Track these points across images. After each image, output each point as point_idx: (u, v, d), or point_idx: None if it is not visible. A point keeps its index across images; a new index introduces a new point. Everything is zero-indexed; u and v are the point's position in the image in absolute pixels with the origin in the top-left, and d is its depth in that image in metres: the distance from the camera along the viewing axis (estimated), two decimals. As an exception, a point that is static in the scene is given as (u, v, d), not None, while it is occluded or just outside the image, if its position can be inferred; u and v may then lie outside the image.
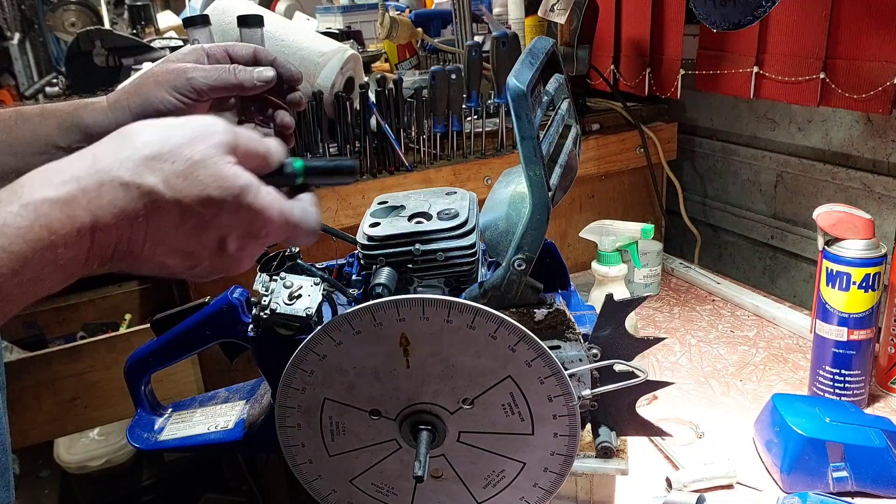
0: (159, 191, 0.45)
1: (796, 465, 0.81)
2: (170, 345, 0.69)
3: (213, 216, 0.47)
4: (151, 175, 0.45)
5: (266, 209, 0.49)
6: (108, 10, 2.57)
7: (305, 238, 0.53)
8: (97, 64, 1.74)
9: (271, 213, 0.49)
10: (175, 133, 0.47)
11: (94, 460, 1.98)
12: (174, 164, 0.45)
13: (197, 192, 0.46)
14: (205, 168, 0.46)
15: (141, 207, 0.45)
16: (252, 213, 0.48)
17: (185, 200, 0.46)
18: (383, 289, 0.60)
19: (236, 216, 0.48)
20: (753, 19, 1.00)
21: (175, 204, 0.46)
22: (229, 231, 0.49)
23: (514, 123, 0.53)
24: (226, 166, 0.47)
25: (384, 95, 1.19)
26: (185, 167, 0.46)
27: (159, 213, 0.45)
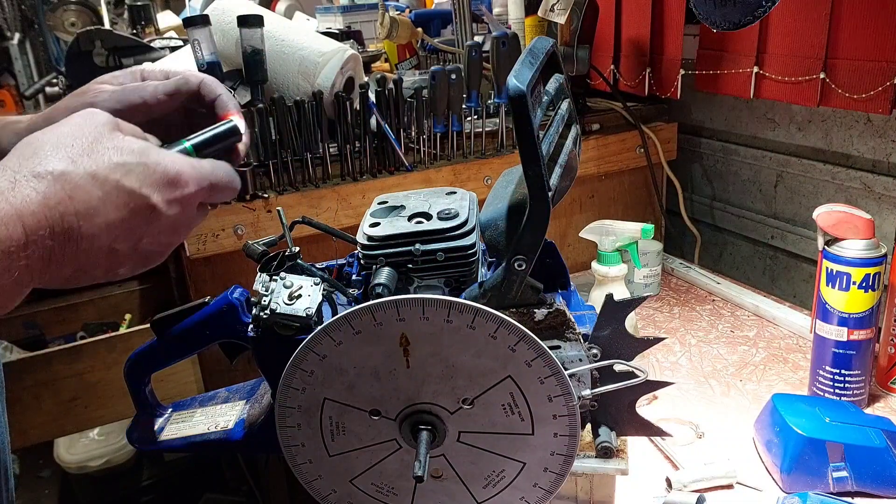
0: (70, 170, 0.48)
1: (796, 465, 0.81)
2: (170, 345, 0.69)
3: (129, 181, 0.50)
4: (59, 162, 0.48)
5: (174, 161, 0.53)
6: (108, 10, 2.57)
7: (227, 188, 0.57)
8: (97, 64, 1.74)
9: (181, 164, 0.54)
10: (63, 128, 0.51)
11: (94, 460, 1.98)
12: (73, 148, 0.49)
13: (104, 161, 0.50)
14: (101, 143, 0.50)
15: (60, 189, 0.47)
16: (163, 168, 0.52)
17: (99, 171, 0.49)
18: (383, 289, 0.60)
19: (150, 174, 0.51)
20: (753, 19, 1.00)
21: (90, 176, 0.49)
22: (151, 190, 0.51)
23: (514, 123, 0.53)
24: (119, 137, 0.52)
25: (384, 95, 1.19)
26: (85, 146, 0.50)
27: (79, 190, 0.48)
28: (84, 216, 0.48)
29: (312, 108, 1.14)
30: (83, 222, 0.48)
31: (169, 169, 0.53)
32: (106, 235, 0.49)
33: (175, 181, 0.53)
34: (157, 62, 1.55)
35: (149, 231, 0.52)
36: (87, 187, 0.48)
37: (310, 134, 1.15)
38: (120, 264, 0.52)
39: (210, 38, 1.13)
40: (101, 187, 0.49)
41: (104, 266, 0.51)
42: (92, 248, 0.49)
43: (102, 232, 0.49)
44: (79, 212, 0.48)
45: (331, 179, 1.20)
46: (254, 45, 1.15)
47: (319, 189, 1.17)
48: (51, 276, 0.48)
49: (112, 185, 0.49)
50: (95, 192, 0.49)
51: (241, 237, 1.13)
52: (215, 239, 1.11)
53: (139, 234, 0.51)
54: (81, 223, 0.48)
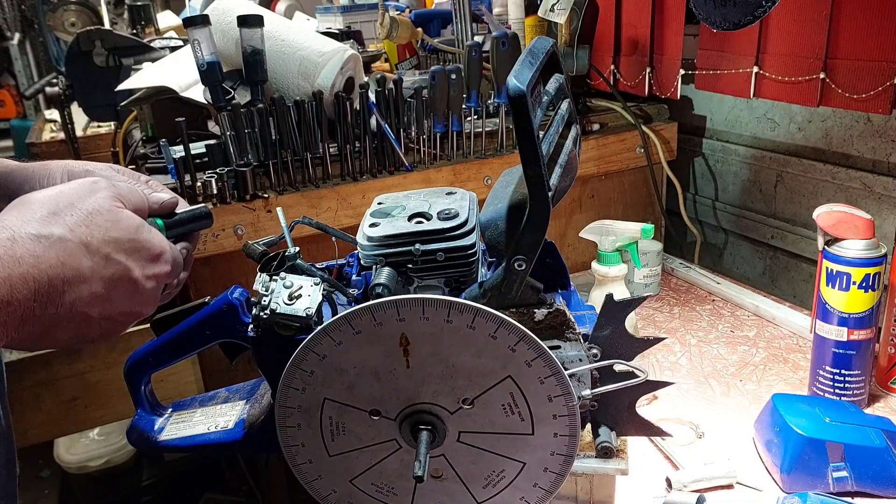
0: (67, 237, 0.50)
1: (796, 465, 0.81)
2: (170, 345, 0.69)
3: (118, 253, 0.53)
4: (56, 227, 0.51)
5: (161, 241, 0.58)
6: (108, 10, 2.57)
7: (180, 272, 0.62)
8: (97, 64, 1.74)
9: (164, 244, 0.58)
10: (65, 193, 0.54)
11: (94, 460, 1.98)
12: (73, 216, 0.52)
13: (100, 234, 0.52)
14: (100, 215, 0.53)
15: (54, 255, 0.49)
16: (149, 245, 0.56)
17: (93, 242, 0.52)
18: (383, 289, 0.60)
19: (138, 252, 0.55)
20: (753, 19, 1.00)
21: (83, 246, 0.51)
22: (136, 265, 0.55)
23: (514, 123, 0.53)
24: (119, 211, 0.55)
25: (384, 95, 1.19)
26: (84, 217, 0.52)
27: (72, 258, 0.50)
28: (71, 283, 0.50)
29: (312, 108, 1.14)
30: (68, 288, 0.50)
31: (154, 248, 0.56)
32: (86, 303, 0.52)
33: (157, 257, 0.57)
34: (157, 62, 1.55)
35: (124, 302, 0.55)
36: (79, 256, 0.51)
37: (310, 134, 1.15)
38: (90, 331, 0.54)
39: (210, 38, 1.13)
40: (92, 258, 0.52)
41: (74, 331, 0.53)
42: (70, 314, 0.51)
43: (84, 299, 0.51)
44: (67, 278, 0.50)
45: (331, 179, 1.20)
46: (254, 45, 1.15)
47: (319, 189, 1.17)
48: (21, 336, 0.50)
49: (101, 256, 0.52)
50: (86, 261, 0.51)
51: (241, 237, 1.13)
52: (215, 239, 1.11)
53: (115, 304, 0.54)
54: (66, 289, 0.50)
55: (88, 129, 2.47)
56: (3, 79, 4.37)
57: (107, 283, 0.53)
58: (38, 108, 4.12)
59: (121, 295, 0.54)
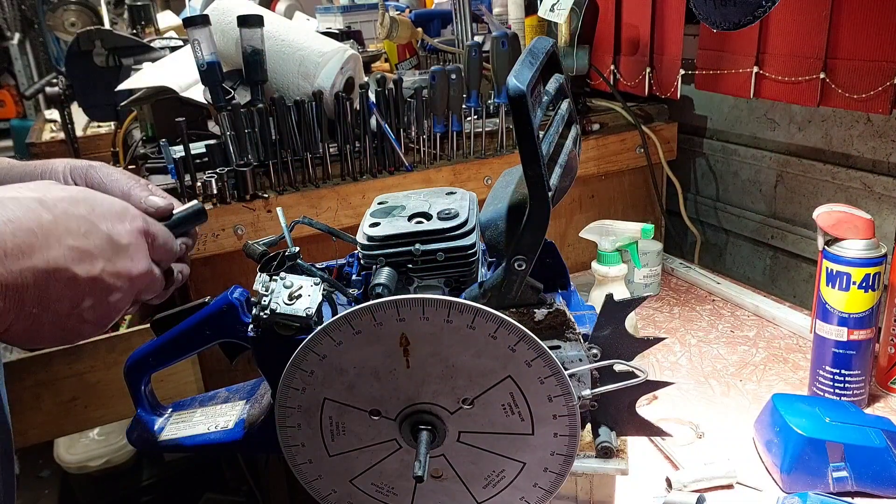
0: (14, 195, 0.49)
1: (796, 465, 0.81)
2: (170, 345, 0.69)
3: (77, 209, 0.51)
4: (9, 191, 0.49)
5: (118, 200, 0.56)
6: (108, 10, 2.57)
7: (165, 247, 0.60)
8: (97, 64, 1.74)
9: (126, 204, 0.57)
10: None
11: (94, 460, 1.98)
12: (20, 190, 0.50)
13: (52, 193, 0.51)
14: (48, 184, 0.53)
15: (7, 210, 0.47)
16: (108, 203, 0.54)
17: (46, 199, 0.50)
18: (383, 289, 0.60)
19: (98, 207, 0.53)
20: (753, 19, 1.00)
21: (38, 202, 0.49)
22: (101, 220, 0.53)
23: (514, 123, 0.53)
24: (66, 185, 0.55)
25: (384, 95, 1.19)
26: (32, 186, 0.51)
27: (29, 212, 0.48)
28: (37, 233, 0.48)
29: (312, 108, 1.14)
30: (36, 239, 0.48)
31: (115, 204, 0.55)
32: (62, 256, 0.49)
33: (122, 214, 0.55)
34: (157, 62, 1.55)
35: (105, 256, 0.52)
36: (37, 210, 0.49)
37: (310, 134, 1.15)
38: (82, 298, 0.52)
39: (210, 38, 1.13)
40: (51, 211, 0.50)
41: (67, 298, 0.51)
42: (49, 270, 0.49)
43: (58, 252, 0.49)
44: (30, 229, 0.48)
45: (331, 179, 1.20)
46: (254, 45, 1.15)
47: (319, 189, 1.18)
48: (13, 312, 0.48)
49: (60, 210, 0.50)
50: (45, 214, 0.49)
51: (241, 237, 1.13)
52: (215, 239, 1.11)
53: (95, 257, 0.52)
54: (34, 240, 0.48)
55: (88, 129, 2.47)
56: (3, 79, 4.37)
57: (77, 236, 0.50)
58: (38, 108, 4.12)
59: (99, 249, 0.52)
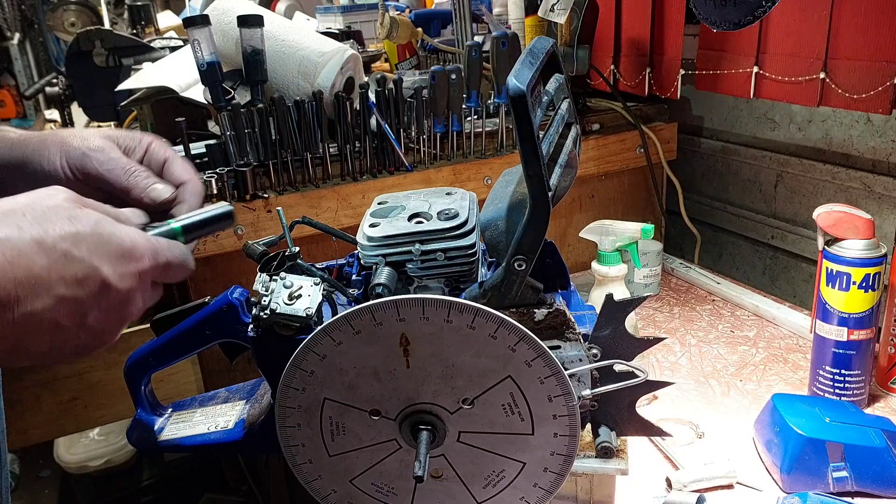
0: (13, 236, 0.45)
1: (796, 465, 0.81)
2: (170, 345, 0.69)
3: (79, 251, 0.47)
4: (2, 227, 0.45)
5: (129, 233, 0.51)
6: (108, 10, 2.57)
7: (180, 268, 0.55)
8: (97, 64, 1.74)
9: (136, 237, 0.51)
10: (20, 198, 0.48)
11: (94, 460, 1.98)
12: (24, 217, 0.47)
13: (55, 229, 0.47)
14: (55, 212, 0.48)
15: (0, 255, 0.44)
16: (117, 239, 0.50)
17: (46, 238, 0.46)
18: (383, 289, 0.60)
19: (103, 245, 0.49)
20: (753, 19, 1.00)
21: (36, 244, 0.46)
22: (102, 262, 0.48)
23: (514, 123, 0.53)
24: (77, 209, 0.49)
25: (384, 95, 1.19)
26: (37, 215, 0.47)
27: (22, 257, 0.45)
28: (24, 285, 0.45)
29: (312, 108, 1.14)
30: (22, 291, 0.45)
31: (124, 241, 0.50)
32: (49, 308, 0.46)
33: (129, 254, 0.50)
34: (157, 62, 1.55)
35: (98, 306, 0.49)
36: (31, 254, 0.45)
37: (310, 134, 1.15)
38: (65, 342, 0.49)
39: (210, 38, 1.13)
40: (48, 255, 0.46)
41: (48, 342, 0.48)
42: (31, 321, 0.46)
43: (45, 303, 0.46)
44: (18, 280, 0.45)
45: (331, 179, 1.20)
46: (254, 45, 1.15)
47: (319, 189, 1.17)
48: None
49: (59, 253, 0.46)
50: (40, 260, 0.46)
51: (241, 237, 1.13)
52: (215, 239, 1.11)
53: (86, 308, 0.48)
54: (20, 292, 0.45)
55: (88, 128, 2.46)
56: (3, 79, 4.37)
57: (71, 284, 0.47)
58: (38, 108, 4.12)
59: (91, 298, 0.48)
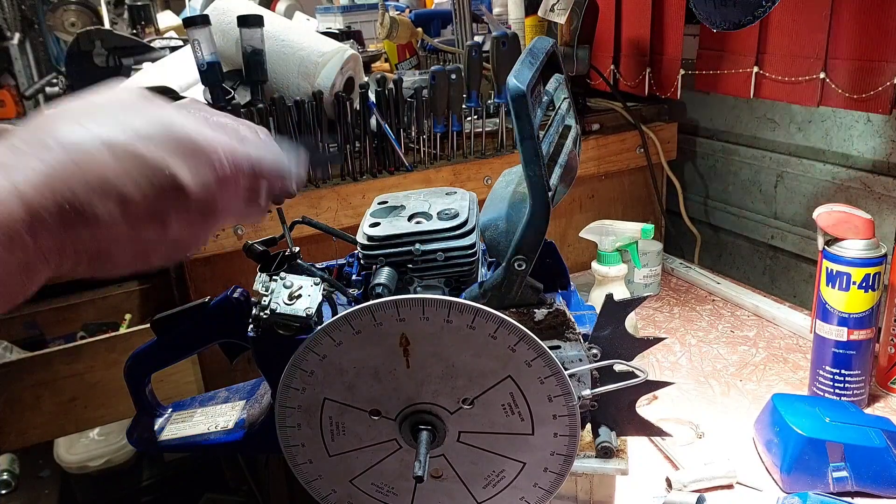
0: (82, 138, 0.42)
1: (796, 465, 0.81)
2: (170, 345, 0.69)
3: (151, 151, 0.43)
4: (69, 129, 0.42)
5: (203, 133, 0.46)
6: (108, 10, 2.57)
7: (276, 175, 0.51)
8: (97, 64, 1.74)
9: (213, 135, 0.46)
10: (92, 97, 0.45)
11: (94, 460, 1.98)
12: (92, 116, 0.43)
13: (123, 128, 0.43)
14: (125, 110, 0.44)
15: (68, 159, 0.40)
16: (191, 137, 0.45)
17: (115, 139, 0.42)
18: (383, 289, 0.60)
19: (176, 143, 0.44)
20: (753, 19, 1.00)
21: (105, 145, 0.42)
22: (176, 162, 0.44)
23: (514, 123, 0.53)
24: (148, 104, 0.46)
25: (384, 95, 1.19)
26: (107, 114, 0.43)
27: (92, 160, 0.41)
28: (97, 189, 0.41)
29: (312, 108, 1.14)
30: (96, 196, 0.41)
31: (197, 137, 0.45)
32: (125, 215, 0.42)
33: (204, 151, 0.45)
34: (157, 62, 1.55)
35: (177, 213, 0.45)
36: (101, 157, 0.41)
37: (310, 134, 1.15)
38: (149, 251, 0.45)
39: (210, 38, 1.13)
40: (116, 156, 0.42)
41: (130, 252, 0.44)
42: (110, 230, 0.42)
43: (120, 209, 0.42)
44: (90, 184, 0.41)
45: (331, 179, 1.20)
46: (254, 45, 1.15)
47: (319, 189, 1.17)
48: (70, 265, 0.42)
49: (129, 154, 0.42)
50: (109, 161, 0.41)
51: (241, 237, 1.13)
52: (215, 239, 1.11)
53: (165, 215, 0.44)
54: (94, 198, 0.41)
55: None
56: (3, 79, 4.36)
57: (145, 187, 0.42)
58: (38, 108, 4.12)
59: (168, 204, 0.44)
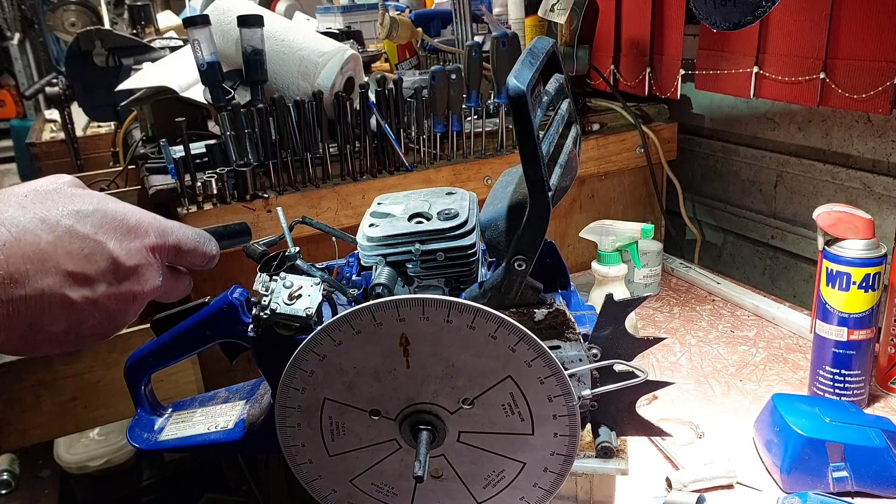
0: (18, 215, 0.46)
1: (796, 465, 0.81)
2: (170, 345, 0.69)
3: (83, 227, 0.48)
4: (7, 207, 0.46)
5: (134, 211, 0.51)
6: (108, 10, 2.57)
7: (196, 252, 0.57)
8: (97, 64, 1.75)
9: (141, 215, 0.52)
10: (24, 186, 0.49)
11: (94, 460, 1.98)
12: (27, 197, 0.48)
13: (58, 208, 0.48)
14: (57, 193, 0.49)
15: (5, 232, 0.45)
16: (121, 216, 0.50)
17: (50, 215, 0.47)
18: (383, 289, 0.60)
19: (107, 221, 0.49)
20: (753, 19, 1.00)
21: (40, 221, 0.46)
22: (107, 237, 0.49)
23: (514, 123, 0.53)
24: (79, 190, 0.50)
25: (384, 95, 1.19)
26: (40, 196, 0.48)
27: (27, 233, 0.45)
28: (32, 259, 0.45)
29: (312, 108, 1.14)
30: (31, 267, 0.45)
31: (128, 217, 0.51)
32: (59, 283, 0.47)
33: (134, 230, 0.51)
34: (157, 62, 1.55)
35: (108, 282, 0.49)
36: (37, 231, 0.46)
37: (310, 134, 1.15)
38: (80, 321, 0.49)
39: (210, 38, 1.13)
40: (52, 231, 0.47)
41: (64, 321, 0.48)
42: (43, 298, 0.46)
43: (55, 279, 0.46)
44: (26, 255, 0.45)
45: (331, 179, 1.20)
46: (254, 45, 1.15)
47: (319, 189, 1.17)
48: (3, 335, 0.46)
49: (64, 229, 0.47)
50: (45, 236, 0.46)
51: (240, 237, 1.13)
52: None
53: (96, 284, 0.49)
54: (29, 267, 0.45)
55: (88, 129, 2.47)
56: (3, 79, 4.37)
57: (79, 260, 0.47)
58: (38, 108, 4.12)
59: (102, 274, 0.49)
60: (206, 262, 0.59)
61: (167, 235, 0.54)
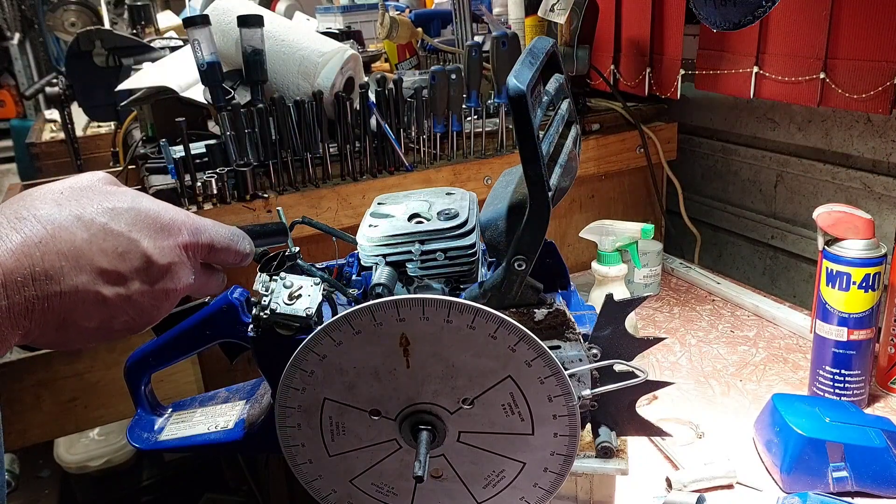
0: (54, 213, 0.47)
1: (796, 465, 0.81)
2: (170, 345, 0.69)
3: (117, 224, 0.49)
4: (42, 205, 0.47)
5: (168, 209, 0.52)
6: (108, 10, 2.58)
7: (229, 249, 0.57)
8: (97, 64, 1.75)
9: (175, 213, 0.53)
10: (57, 183, 0.50)
11: (94, 460, 1.98)
12: (62, 195, 0.49)
13: (92, 205, 0.49)
14: (91, 191, 0.50)
15: (41, 229, 0.46)
16: (154, 213, 0.51)
17: (85, 213, 0.48)
18: (383, 289, 0.60)
19: (141, 219, 0.50)
20: (753, 19, 1.00)
21: (75, 218, 0.47)
22: (141, 235, 0.50)
23: (514, 123, 0.53)
24: (113, 188, 0.51)
25: (384, 95, 1.19)
26: (75, 194, 0.49)
27: (63, 230, 0.47)
28: (68, 256, 0.46)
29: (312, 108, 1.14)
30: (66, 264, 0.46)
31: (161, 215, 0.52)
32: (93, 280, 0.48)
33: (167, 228, 0.52)
34: (157, 62, 1.55)
35: (140, 279, 0.50)
36: (72, 228, 0.47)
37: (310, 134, 1.15)
38: (112, 317, 0.50)
39: (210, 38, 1.13)
40: (87, 229, 0.48)
41: (96, 318, 0.49)
42: (77, 294, 0.47)
43: (88, 276, 0.47)
44: (61, 252, 0.46)
45: (331, 179, 1.20)
46: (254, 45, 1.15)
47: (319, 189, 1.17)
48: (38, 330, 0.47)
49: (98, 227, 0.48)
50: (80, 233, 0.47)
51: (241, 237, 1.13)
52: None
53: (129, 282, 0.50)
54: (64, 264, 0.46)
55: (88, 129, 2.47)
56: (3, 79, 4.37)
57: (112, 257, 0.48)
58: (38, 108, 4.13)
59: (135, 272, 0.50)
60: (239, 259, 0.59)
61: (200, 233, 0.54)
